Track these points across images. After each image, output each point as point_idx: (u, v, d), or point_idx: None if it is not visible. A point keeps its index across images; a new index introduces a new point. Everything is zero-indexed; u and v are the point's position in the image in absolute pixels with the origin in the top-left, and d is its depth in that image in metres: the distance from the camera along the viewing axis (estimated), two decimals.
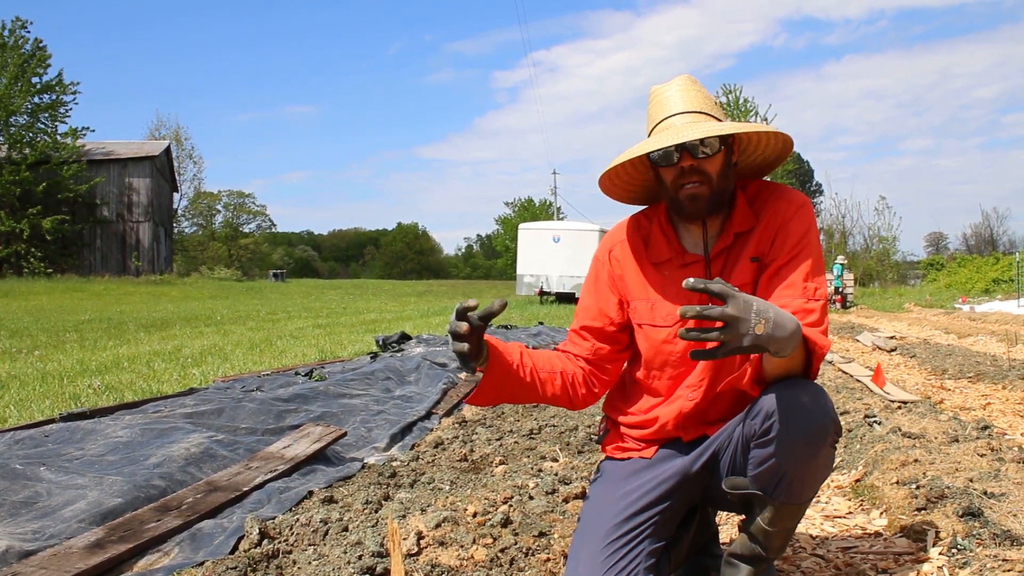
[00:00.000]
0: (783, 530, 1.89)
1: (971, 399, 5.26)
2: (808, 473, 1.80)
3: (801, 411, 1.74)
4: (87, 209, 39.66)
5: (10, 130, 38.19)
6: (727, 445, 1.97)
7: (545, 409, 4.98)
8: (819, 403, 1.77)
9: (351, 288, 43.96)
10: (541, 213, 65.60)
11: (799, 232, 1.93)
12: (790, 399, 1.75)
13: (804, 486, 1.82)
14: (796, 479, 1.80)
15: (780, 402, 1.75)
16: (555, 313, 18.73)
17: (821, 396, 1.78)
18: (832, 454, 1.82)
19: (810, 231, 1.94)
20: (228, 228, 67.59)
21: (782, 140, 1.98)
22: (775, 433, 1.76)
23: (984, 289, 32.49)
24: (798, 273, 1.89)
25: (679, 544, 2.09)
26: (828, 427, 1.76)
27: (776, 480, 1.81)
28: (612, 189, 2.13)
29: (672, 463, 2.03)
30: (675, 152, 1.89)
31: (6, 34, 38.07)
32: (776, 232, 1.95)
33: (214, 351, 8.88)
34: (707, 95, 1.98)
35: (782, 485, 1.80)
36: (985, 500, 2.55)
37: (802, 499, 1.85)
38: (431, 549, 2.32)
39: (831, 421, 1.77)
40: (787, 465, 1.77)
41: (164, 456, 3.33)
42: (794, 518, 1.90)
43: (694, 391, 2.01)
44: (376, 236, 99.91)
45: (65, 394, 5.61)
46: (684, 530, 2.10)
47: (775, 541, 1.91)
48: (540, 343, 9.90)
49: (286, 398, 4.82)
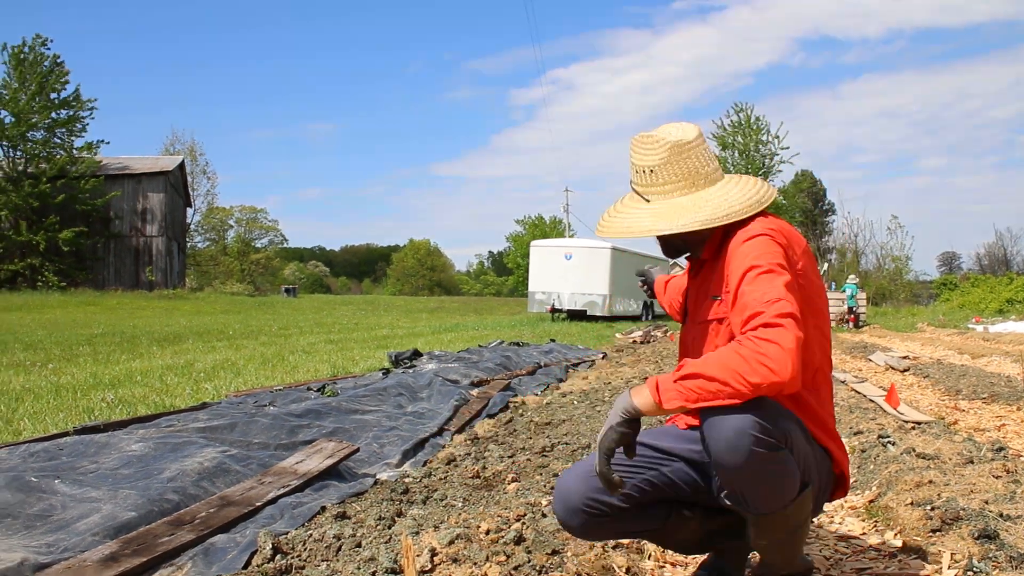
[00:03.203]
0: (774, 543, 1.94)
1: (985, 420, 5.22)
2: (753, 477, 1.80)
3: (719, 424, 1.78)
4: (102, 223, 40.02)
5: (28, 144, 38.65)
6: None
7: (558, 426, 4.97)
8: (737, 411, 1.76)
9: (363, 304, 44.06)
10: (552, 231, 65.64)
11: (739, 261, 1.94)
12: (710, 418, 1.79)
13: (758, 491, 1.83)
14: (746, 486, 1.82)
15: (704, 419, 1.81)
16: (567, 330, 18.71)
17: (747, 407, 1.75)
18: (771, 458, 1.78)
19: (751, 252, 1.94)
20: (240, 243, 67.88)
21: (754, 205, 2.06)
22: (707, 446, 1.82)
23: (998, 309, 32.23)
24: (745, 291, 1.88)
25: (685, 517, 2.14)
26: (746, 431, 1.74)
27: (732, 490, 1.85)
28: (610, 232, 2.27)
29: (694, 433, 2.07)
30: None
31: (26, 51, 38.60)
32: (728, 268, 2.00)
33: (226, 366, 8.92)
34: (685, 168, 2.07)
35: (741, 495, 1.85)
36: (1001, 522, 2.53)
37: (767, 507, 1.85)
38: (444, 566, 2.32)
39: (749, 425, 1.75)
40: (728, 473, 1.81)
41: (178, 470, 3.34)
42: (779, 530, 1.91)
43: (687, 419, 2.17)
44: (388, 252, 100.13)
45: (79, 407, 5.64)
46: (701, 512, 2.15)
47: (773, 555, 1.96)
48: (552, 360, 9.90)
49: (299, 413, 4.83)
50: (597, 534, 2.13)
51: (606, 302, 27.13)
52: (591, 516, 2.00)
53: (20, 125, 37.90)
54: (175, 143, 56.65)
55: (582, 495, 1.99)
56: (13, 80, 38.33)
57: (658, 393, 1.78)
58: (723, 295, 2.04)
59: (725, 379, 1.74)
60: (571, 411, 5.60)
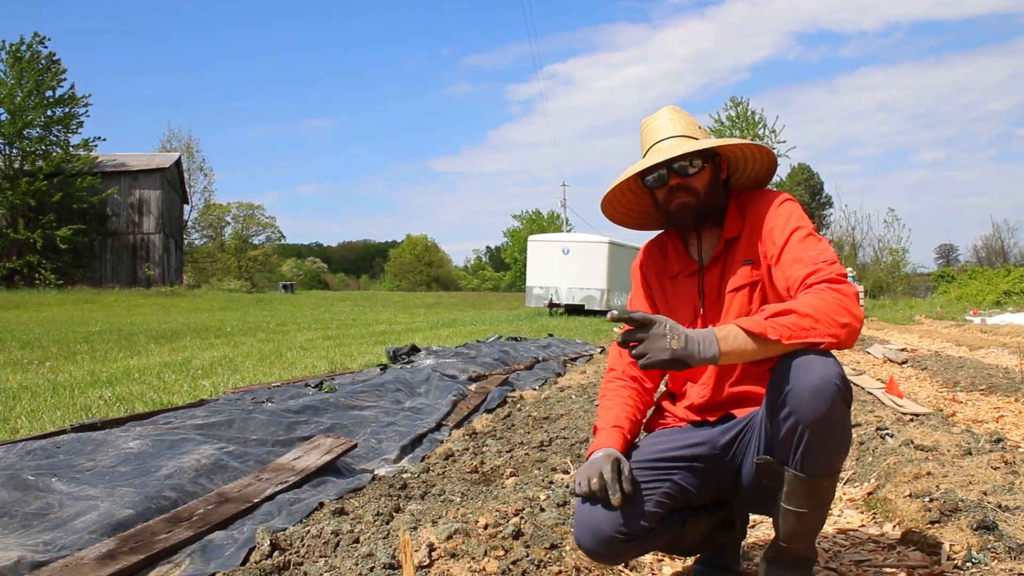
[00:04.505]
0: (809, 512, 1.91)
1: (983, 412, 5.22)
2: (825, 432, 1.82)
3: (805, 367, 1.81)
4: (98, 220, 39.93)
5: (24, 142, 38.57)
6: (751, 429, 2.07)
7: (555, 421, 4.97)
8: (824, 360, 1.82)
9: (360, 300, 44.04)
10: (549, 225, 65.63)
11: (783, 220, 2.08)
12: (795, 361, 1.83)
13: (820, 451, 1.84)
14: (813, 440, 1.82)
15: (786, 364, 1.84)
16: (564, 325, 18.71)
17: (826, 355, 1.84)
18: (846, 415, 1.85)
19: (793, 214, 2.09)
20: (237, 240, 67.79)
21: (765, 153, 2.18)
22: (787, 389, 1.82)
23: (995, 301, 32.28)
24: (797, 249, 2.01)
25: (697, 520, 2.17)
26: (832, 379, 1.79)
27: (795, 443, 1.84)
28: (616, 216, 2.36)
29: (701, 430, 2.16)
30: (665, 171, 2.12)
31: (24, 48, 38.49)
32: (762, 230, 2.10)
33: (224, 362, 8.91)
34: (691, 121, 2.24)
35: (800, 449, 1.84)
36: (1000, 513, 2.53)
37: (821, 470, 1.86)
38: (443, 561, 2.31)
39: (836, 375, 1.80)
40: (803, 422, 1.81)
41: (175, 467, 3.33)
42: (819, 497, 1.90)
43: (704, 388, 2.18)
44: (385, 248, 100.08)
45: (76, 405, 5.63)
46: (707, 512, 2.19)
47: (796, 525, 1.93)
48: (549, 354, 9.89)
49: (296, 410, 4.82)
50: (624, 557, 2.14)
51: (604, 296, 27.12)
52: (623, 542, 1.99)
53: (16, 123, 37.78)
54: (172, 140, 56.56)
55: (613, 524, 1.97)
56: (9, 78, 38.21)
57: (758, 328, 1.82)
58: (758, 258, 2.10)
59: (818, 316, 1.83)
60: (569, 405, 5.60)
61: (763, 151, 2.17)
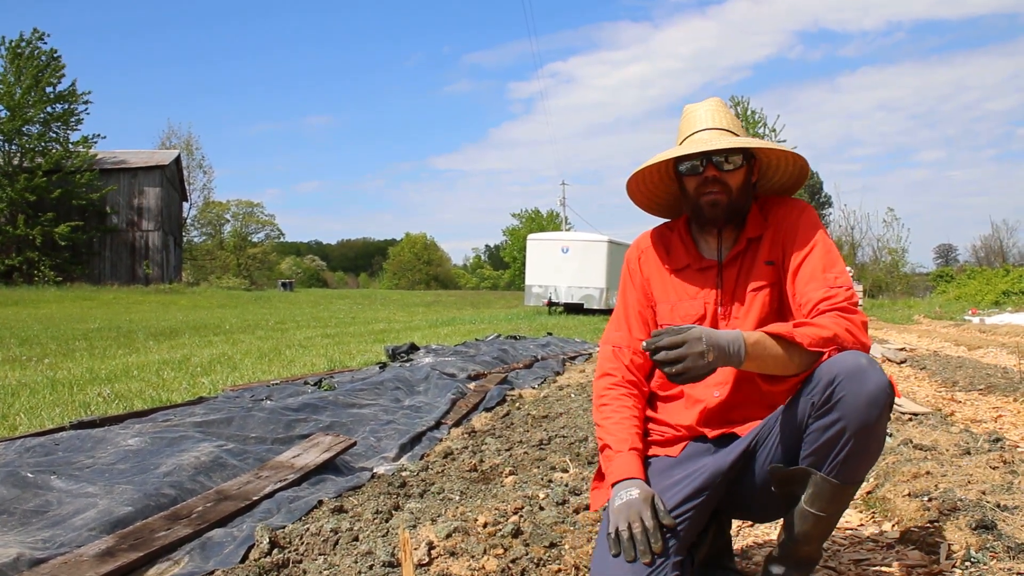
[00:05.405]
0: (823, 517, 1.88)
1: (982, 411, 5.23)
2: (869, 439, 1.81)
3: (859, 375, 1.78)
4: (97, 217, 39.91)
5: (24, 139, 38.53)
6: (766, 437, 2.00)
7: (554, 419, 4.97)
8: (875, 367, 1.81)
9: (359, 298, 43.98)
10: (549, 224, 65.60)
11: (807, 231, 2.10)
12: (851, 363, 1.80)
13: (861, 458, 1.82)
14: (856, 447, 1.80)
15: (842, 367, 1.80)
16: (564, 324, 18.71)
17: (875, 362, 1.83)
18: (887, 423, 1.85)
19: (817, 227, 2.11)
20: (236, 237, 67.74)
21: (799, 166, 2.18)
22: (839, 396, 1.79)
23: (994, 301, 32.29)
24: (816, 266, 2.03)
25: (699, 548, 2.11)
26: (885, 387, 1.78)
27: (837, 449, 1.81)
28: (636, 195, 2.31)
29: (703, 460, 2.06)
30: (701, 162, 2.09)
31: (23, 44, 38.46)
32: (785, 235, 2.11)
33: (223, 360, 8.90)
34: (734, 118, 2.21)
35: (840, 456, 1.81)
36: (998, 513, 2.54)
37: (855, 476, 1.85)
38: (442, 559, 2.31)
39: (887, 384, 1.79)
40: (851, 428, 1.78)
41: (174, 465, 3.33)
42: (840, 502, 1.89)
43: (720, 388, 2.11)
44: (384, 246, 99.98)
45: (75, 402, 5.63)
46: (704, 534, 2.13)
47: (814, 528, 1.90)
48: (548, 353, 9.89)
49: (295, 407, 4.82)
50: None
51: (603, 295, 27.11)
52: None
53: (16, 119, 37.77)
54: (171, 137, 56.59)
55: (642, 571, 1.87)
56: (9, 74, 38.19)
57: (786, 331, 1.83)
58: (780, 259, 2.12)
59: (838, 333, 1.86)
60: (568, 404, 5.60)
61: (798, 163, 2.18)
